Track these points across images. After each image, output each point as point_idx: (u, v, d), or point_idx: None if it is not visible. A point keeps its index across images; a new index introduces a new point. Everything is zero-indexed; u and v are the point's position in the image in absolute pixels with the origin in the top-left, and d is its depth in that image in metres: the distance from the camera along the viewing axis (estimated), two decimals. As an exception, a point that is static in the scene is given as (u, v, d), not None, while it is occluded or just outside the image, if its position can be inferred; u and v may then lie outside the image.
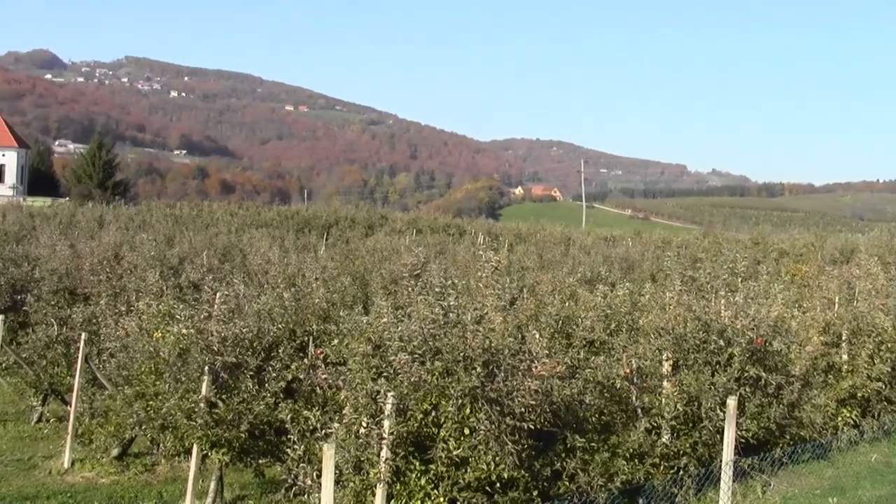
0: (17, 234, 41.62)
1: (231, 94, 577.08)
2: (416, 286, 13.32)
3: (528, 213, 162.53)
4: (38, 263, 27.18)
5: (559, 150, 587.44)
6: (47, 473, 16.94)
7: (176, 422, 13.41)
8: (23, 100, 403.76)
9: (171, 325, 13.90)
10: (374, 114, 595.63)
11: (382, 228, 63.23)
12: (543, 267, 30.40)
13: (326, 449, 10.19)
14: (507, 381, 10.76)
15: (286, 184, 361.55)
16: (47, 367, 19.01)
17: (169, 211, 70.69)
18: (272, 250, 30.18)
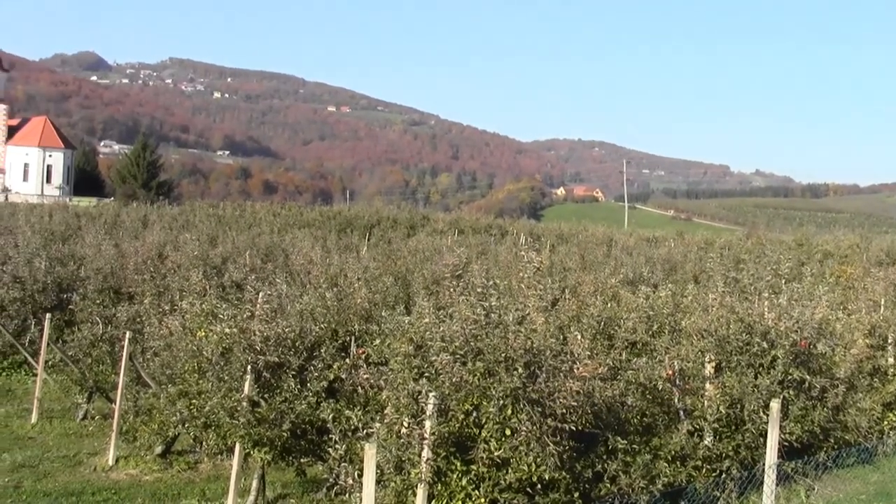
0: (63, 233, 42.01)
1: (274, 95, 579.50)
2: (458, 286, 13.34)
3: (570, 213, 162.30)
4: (84, 263, 27.43)
5: (601, 150, 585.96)
6: (92, 470, 17.08)
7: (219, 420, 13.48)
8: (69, 101, 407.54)
9: (215, 324, 13.97)
10: (415, 114, 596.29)
11: (424, 229, 63.28)
12: (585, 268, 30.31)
13: (368, 448, 10.21)
14: (548, 382, 10.73)
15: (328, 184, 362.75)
16: (92, 366, 19.17)
17: (212, 211, 71.09)
18: (314, 250, 30.26)
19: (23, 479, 16.39)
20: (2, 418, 20.84)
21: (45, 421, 20.54)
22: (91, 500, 15.36)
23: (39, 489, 15.82)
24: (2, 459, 17.49)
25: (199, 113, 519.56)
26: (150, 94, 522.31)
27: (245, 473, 14.80)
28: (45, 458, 17.65)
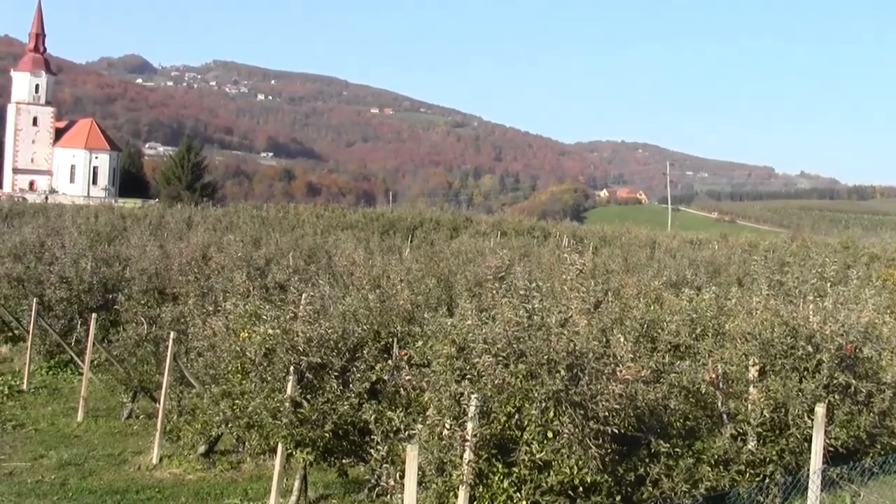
0: (108, 234, 42.39)
1: (317, 97, 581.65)
2: (501, 289, 13.32)
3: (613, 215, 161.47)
4: (129, 263, 27.65)
5: (644, 152, 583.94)
6: (136, 468, 17.23)
7: (261, 420, 13.55)
8: (115, 104, 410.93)
9: (258, 325, 14.05)
10: (458, 116, 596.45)
11: (467, 230, 63.29)
12: (628, 270, 30.20)
13: (410, 450, 10.23)
14: (591, 384, 10.71)
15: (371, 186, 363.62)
16: (137, 365, 19.33)
17: (256, 212, 71.48)
18: (357, 252, 30.32)
19: (69, 476, 16.57)
20: (49, 416, 21.06)
21: (91, 420, 20.73)
22: (135, 499, 15.49)
23: (85, 487, 15.98)
24: (48, 457, 17.69)
25: (242, 115, 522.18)
26: (194, 97, 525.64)
27: (287, 474, 14.86)
28: (90, 457, 17.83)
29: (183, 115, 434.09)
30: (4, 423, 20.14)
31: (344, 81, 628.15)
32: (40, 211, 68.05)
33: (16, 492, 15.42)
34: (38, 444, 18.66)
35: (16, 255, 30.93)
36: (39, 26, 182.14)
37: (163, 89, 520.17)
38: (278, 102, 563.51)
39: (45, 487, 15.85)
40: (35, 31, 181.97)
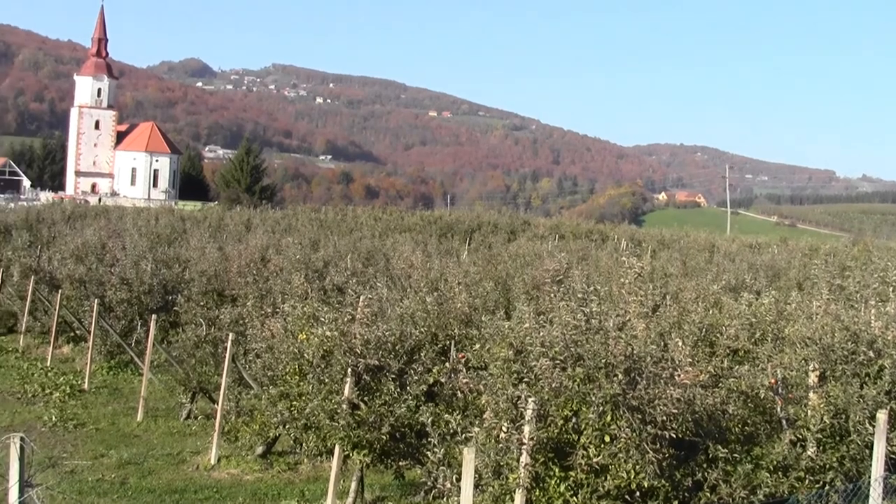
0: (168, 236, 42.80)
1: (375, 101, 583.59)
2: (559, 292, 13.29)
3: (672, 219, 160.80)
4: (189, 265, 27.91)
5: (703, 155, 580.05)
6: (195, 468, 17.37)
7: (319, 422, 13.60)
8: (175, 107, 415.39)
9: (316, 327, 14.11)
10: (516, 119, 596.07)
11: (525, 234, 63.18)
12: (687, 274, 30.03)
13: (467, 453, 10.23)
14: (648, 388, 10.65)
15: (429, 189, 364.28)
16: (196, 366, 19.48)
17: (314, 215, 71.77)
18: (415, 254, 30.38)
19: (128, 475, 16.74)
20: (109, 416, 21.29)
21: (151, 419, 20.93)
22: (193, 498, 15.62)
23: (144, 485, 16.14)
24: (109, 456, 17.88)
25: (301, 118, 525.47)
26: (253, 100, 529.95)
27: (344, 475, 14.92)
28: (149, 456, 18.00)
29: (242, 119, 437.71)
30: (66, 422, 20.39)
31: (402, 85, 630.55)
32: (102, 213, 68.77)
33: (77, 490, 15.60)
34: (99, 443, 18.87)
35: (78, 257, 31.35)
36: (102, 31, 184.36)
37: (222, 93, 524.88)
38: (337, 106, 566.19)
39: (105, 486, 16.02)
40: (98, 36, 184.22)
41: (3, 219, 54.02)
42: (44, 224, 53.56)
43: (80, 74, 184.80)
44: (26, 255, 33.88)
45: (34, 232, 45.25)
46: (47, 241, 40.93)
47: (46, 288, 30.01)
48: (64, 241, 37.04)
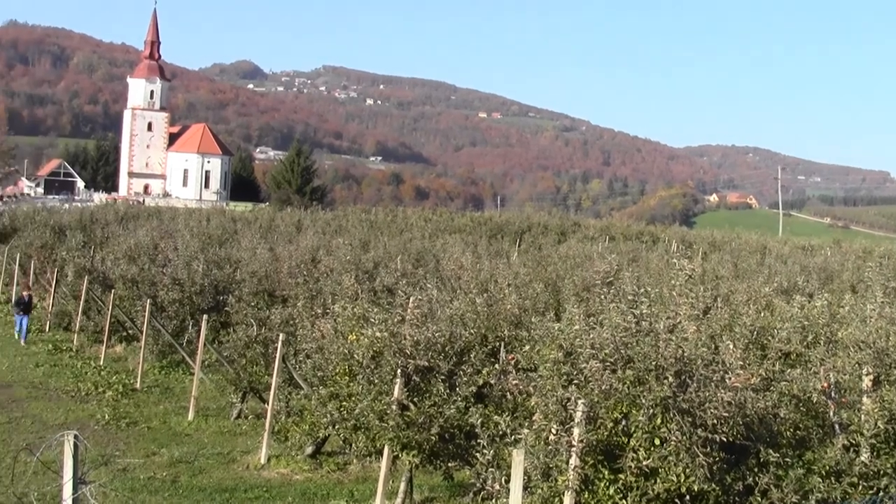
0: (220, 237, 43.14)
1: (425, 102, 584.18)
2: (609, 293, 13.24)
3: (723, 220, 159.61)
4: (240, 266, 28.10)
5: (755, 156, 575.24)
6: (245, 468, 17.49)
7: (368, 423, 13.64)
8: (226, 109, 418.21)
9: (366, 328, 14.15)
10: (567, 120, 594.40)
11: (575, 235, 63.04)
12: (738, 276, 29.83)
13: (516, 454, 10.22)
14: (699, 391, 10.59)
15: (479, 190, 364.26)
16: (247, 366, 19.59)
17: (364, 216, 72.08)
18: (465, 256, 30.41)
19: (180, 473, 16.88)
20: (161, 415, 21.48)
21: (201, 419, 21.10)
22: (243, 497, 15.73)
23: (195, 484, 16.27)
24: (160, 454, 18.05)
25: (352, 119, 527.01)
26: (304, 102, 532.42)
27: (393, 476, 14.95)
28: (200, 455, 18.14)
29: (293, 120, 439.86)
30: (119, 421, 20.60)
31: (452, 86, 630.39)
32: (154, 214, 69.43)
33: (129, 487, 15.75)
34: (151, 442, 19.05)
35: (130, 257, 31.69)
36: (154, 34, 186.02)
37: (273, 94, 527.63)
38: (387, 107, 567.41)
39: (157, 484, 16.17)
40: (150, 38, 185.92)
41: (57, 220, 54.63)
42: (97, 225, 54.19)
43: (134, 77, 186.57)
44: (80, 256, 34.29)
45: (88, 233, 45.84)
46: (101, 241, 41.45)
47: (100, 288, 30.33)
48: (117, 242, 37.47)
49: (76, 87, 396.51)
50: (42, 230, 46.11)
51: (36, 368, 26.27)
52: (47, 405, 22.03)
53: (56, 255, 37.17)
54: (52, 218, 56.25)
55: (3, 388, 23.60)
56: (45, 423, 20.24)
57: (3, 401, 22.25)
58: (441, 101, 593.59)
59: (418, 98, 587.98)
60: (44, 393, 23.37)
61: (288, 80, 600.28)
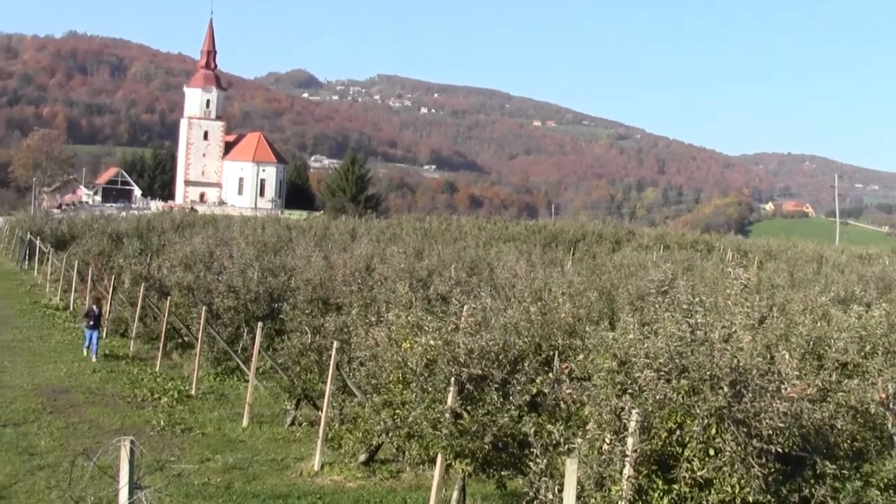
0: (275, 245, 43.40)
1: (480, 110, 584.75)
2: (663, 302, 13.16)
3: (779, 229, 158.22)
4: (294, 273, 28.22)
5: (812, 164, 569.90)
6: (298, 474, 17.55)
7: (422, 431, 13.64)
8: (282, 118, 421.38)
9: (420, 336, 14.15)
10: (621, 128, 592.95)
11: (629, 244, 62.89)
12: (794, 285, 29.57)
13: (569, 464, 10.18)
14: (754, 401, 10.50)
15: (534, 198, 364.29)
16: (301, 373, 19.66)
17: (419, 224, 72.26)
18: (519, 264, 30.40)
19: (233, 479, 16.98)
20: (215, 421, 21.62)
21: (256, 425, 21.20)
22: (297, 504, 15.79)
23: (249, 490, 16.35)
24: (215, 460, 18.16)
25: (406, 128, 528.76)
26: (359, 110, 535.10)
27: (446, 484, 14.93)
28: (254, 461, 18.23)
29: (348, 129, 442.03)
30: (174, 427, 20.76)
31: (506, 94, 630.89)
32: (210, 222, 69.96)
33: (184, 493, 15.86)
34: (206, 448, 19.17)
35: (186, 265, 31.95)
36: (211, 44, 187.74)
37: (328, 103, 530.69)
38: (441, 115, 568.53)
39: (211, 490, 16.27)
40: (206, 48, 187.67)
41: (115, 227, 55.29)
42: (154, 232, 54.74)
43: (190, 86, 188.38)
44: (137, 263, 34.63)
45: (145, 240, 46.29)
46: (157, 249, 41.84)
47: (156, 295, 30.59)
48: (173, 250, 37.80)
49: (134, 97, 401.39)
50: (100, 238, 46.62)
51: (93, 374, 26.54)
52: (104, 410, 22.25)
53: (113, 263, 37.55)
54: (110, 226, 56.94)
55: (61, 394, 23.86)
56: (102, 429, 20.44)
57: (61, 406, 22.50)
58: (495, 110, 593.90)
59: (472, 106, 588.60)
60: (100, 398, 23.60)
61: (343, 88, 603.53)
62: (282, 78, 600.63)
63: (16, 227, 68.72)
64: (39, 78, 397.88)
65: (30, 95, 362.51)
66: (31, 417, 21.17)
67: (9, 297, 44.55)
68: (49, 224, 63.84)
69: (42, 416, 21.32)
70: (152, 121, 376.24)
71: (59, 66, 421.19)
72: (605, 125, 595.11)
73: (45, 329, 34.86)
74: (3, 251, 71.33)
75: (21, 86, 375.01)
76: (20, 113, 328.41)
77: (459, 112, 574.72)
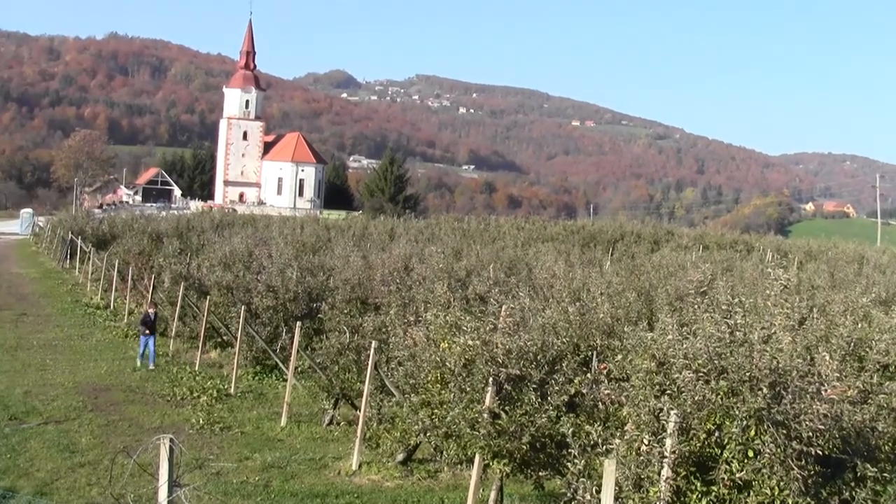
0: (314, 245, 43.50)
1: (518, 110, 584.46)
2: (702, 303, 13.11)
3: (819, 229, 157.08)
4: (333, 273, 28.28)
5: (853, 164, 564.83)
6: (336, 473, 17.61)
7: (459, 431, 13.64)
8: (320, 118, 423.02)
9: (458, 336, 14.15)
10: (660, 128, 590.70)
11: (668, 244, 62.62)
12: (835, 286, 29.33)
13: (607, 465, 10.16)
14: (794, 403, 10.44)
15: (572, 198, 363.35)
16: (339, 373, 19.71)
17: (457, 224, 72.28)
18: (557, 264, 30.30)
19: (272, 478, 17.06)
20: (254, 420, 21.72)
21: (294, 424, 21.29)
22: (335, 503, 15.84)
23: (287, 489, 16.42)
24: (253, 459, 18.25)
25: (444, 128, 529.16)
26: (397, 110, 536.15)
27: (484, 484, 14.93)
28: (292, 460, 18.30)
29: (386, 129, 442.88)
30: (213, 425, 20.87)
31: (545, 94, 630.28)
32: (249, 222, 70.27)
33: (222, 491, 15.95)
34: (244, 447, 19.27)
35: (226, 264, 32.07)
36: (250, 45, 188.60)
37: (367, 103, 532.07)
38: (480, 115, 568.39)
39: (249, 488, 16.35)
40: (246, 49, 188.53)
41: (155, 227, 55.62)
42: (193, 232, 54.97)
43: (229, 87, 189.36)
44: (177, 263, 34.84)
45: (184, 240, 46.53)
46: (196, 248, 42.04)
47: (195, 294, 30.77)
48: (212, 249, 37.96)
49: (174, 97, 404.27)
50: (140, 237, 46.97)
51: (133, 373, 26.73)
52: (144, 409, 22.41)
53: (153, 262, 37.80)
54: (150, 225, 57.29)
55: (102, 391, 24.05)
56: (142, 427, 20.59)
57: (102, 404, 22.68)
58: (534, 110, 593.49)
59: (511, 106, 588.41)
60: (140, 397, 23.77)
61: (381, 89, 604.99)
62: (320, 78, 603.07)
63: (57, 227, 69.30)
64: (81, 79, 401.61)
65: (71, 96, 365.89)
66: (73, 415, 21.36)
67: (51, 296, 44.93)
68: (90, 224, 64.26)
69: (83, 414, 21.50)
70: (192, 121, 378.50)
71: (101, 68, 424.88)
72: (644, 125, 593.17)
73: (86, 328, 35.14)
74: (45, 251, 71.91)
75: (63, 87, 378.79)
76: (62, 114, 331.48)
77: (498, 112, 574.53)
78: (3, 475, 16.51)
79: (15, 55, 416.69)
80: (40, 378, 25.17)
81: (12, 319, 35.89)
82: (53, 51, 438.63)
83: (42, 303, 42.24)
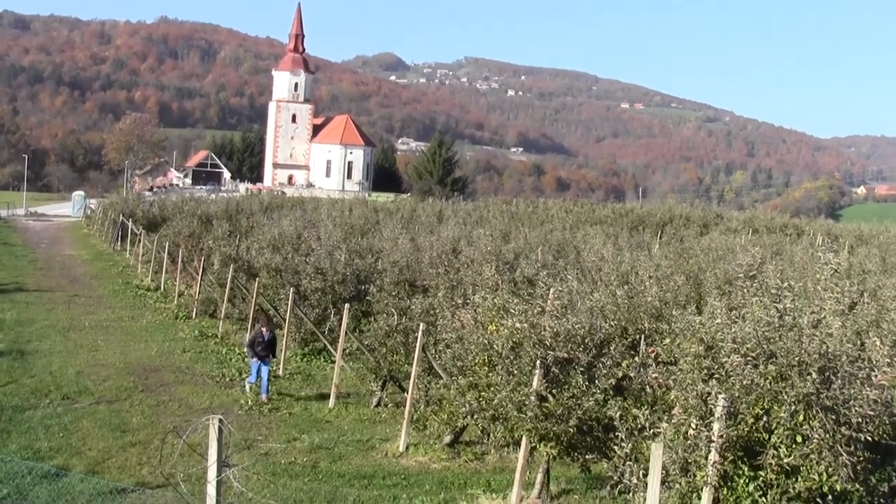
0: (362, 227, 43.62)
1: (567, 93, 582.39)
2: (751, 287, 13.04)
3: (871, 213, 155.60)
4: (381, 256, 28.35)
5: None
6: (384, 455, 17.67)
7: (507, 413, 13.67)
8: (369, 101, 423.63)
9: (506, 318, 14.17)
10: (710, 111, 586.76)
11: (717, 227, 62.21)
12: (886, 271, 29.06)
13: (654, 448, 10.15)
14: (843, 388, 10.37)
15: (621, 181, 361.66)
16: (387, 355, 19.76)
17: (505, 207, 72.18)
18: (606, 247, 30.24)
19: (319, 459, 17.15)
20: (302, 402, 21.82)
21: (342, 406, 21.38)
22: (382, 484, 15.88)
23: (334, 470, 16.50)
24: (301, 440, 18.36)
25: (493, 111, 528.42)
26: (446, 93, 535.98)
27: (530, 467, 14.95)
28: (340, 441, 18.39)
29: (435, 111, 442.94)
30: (261, 406, 21.01)
31: (594, 76, 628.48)
32: (297, 204, 70.44)
33: (271, 471, 16.06)
34: (292, 428, 19.38)
35: (274, 247, 32.22)
36: (299, 27, 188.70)
37: (415, 86, 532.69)
38: (528, 98, 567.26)
39: (297, 469, 16.45)
40: (294, 32, 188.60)
41: (204, 210, 55.84)
42: (242, 215, 55.22)
43: (278, 70, 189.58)
44: (226, 245, 35.02)
45: (233, 222, 46.76)
46: (246, 231, 42.24)
47: (244, 276, 30.90)
48: (261, 232, 38.15)
49: (223, 81, 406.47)
50: (190, 219, 47.19)
51: (183, 354, 26.92)
52: (193, 389, 22.58)
53: (203, 244, 38.00)
54: (200, 208, 57.52)
55: (153, 372, 24.26)
56: (192, 407, 20.76)
57: (152, 384, 22.88)
58: (583, 92, 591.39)
59: (560, 89, 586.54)
60: (190, 378, 23.94)
61: (430, 71, 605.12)
62: (369, 61, 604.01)
63: (109, 210, 69.72)
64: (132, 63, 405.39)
65: (122, 80, 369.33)
66: (124, 395, 21.58)
67: (102, 278, 45.31)
68: (140, 206, 64.71)
69: (134, 394, 21.71)
70: (241, 104, 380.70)
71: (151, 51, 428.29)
72: (694, 107, 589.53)
73: (136, 309, 35.42)
74: (96, 233, 72.45)
75: (114, 70, 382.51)
76: (113, 97, 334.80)
77: (546, 94, 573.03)
78: (56, 454, 16.73)
79: (67, 40, 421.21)
80: (92, 358, 25.42)
81: (65, 301, 36.23)
82: (104, 35, 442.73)
83: (94, 284, 42.60)
